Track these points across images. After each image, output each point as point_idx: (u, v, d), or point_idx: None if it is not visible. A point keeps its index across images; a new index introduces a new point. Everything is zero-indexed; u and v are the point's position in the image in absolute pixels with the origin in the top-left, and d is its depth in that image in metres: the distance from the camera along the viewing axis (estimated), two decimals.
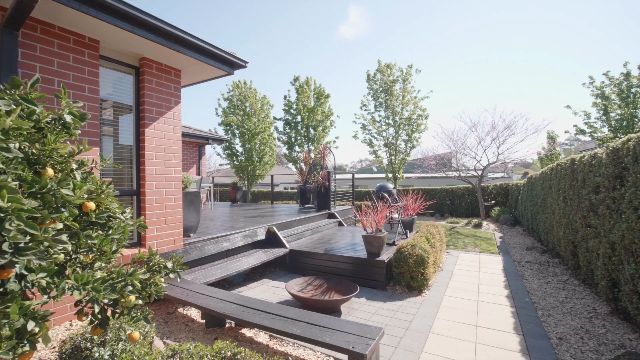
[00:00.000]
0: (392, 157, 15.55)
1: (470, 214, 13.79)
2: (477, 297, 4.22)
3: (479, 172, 12.75)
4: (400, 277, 4.52)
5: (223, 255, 4.77)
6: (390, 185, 6.09)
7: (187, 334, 2.99)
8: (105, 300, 1.98)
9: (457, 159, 14.02)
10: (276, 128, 18.11)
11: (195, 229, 4.72)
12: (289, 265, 5.37)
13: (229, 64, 4.31)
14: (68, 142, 2.51)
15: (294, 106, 17.25)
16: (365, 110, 15.93)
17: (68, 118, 2.30)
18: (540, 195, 7.05)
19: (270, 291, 4.39)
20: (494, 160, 12.60)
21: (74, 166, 2.24)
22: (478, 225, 10.90)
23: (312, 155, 10.78)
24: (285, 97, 17.52)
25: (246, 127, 17.07)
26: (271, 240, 5.60)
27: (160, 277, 2.35)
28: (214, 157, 35.20)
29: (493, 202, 13.20)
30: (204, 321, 3.19)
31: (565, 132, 12.77)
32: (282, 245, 5.46)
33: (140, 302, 2.13)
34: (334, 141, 17.86)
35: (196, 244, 4.29)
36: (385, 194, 5.76)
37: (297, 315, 2.74)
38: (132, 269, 2.44)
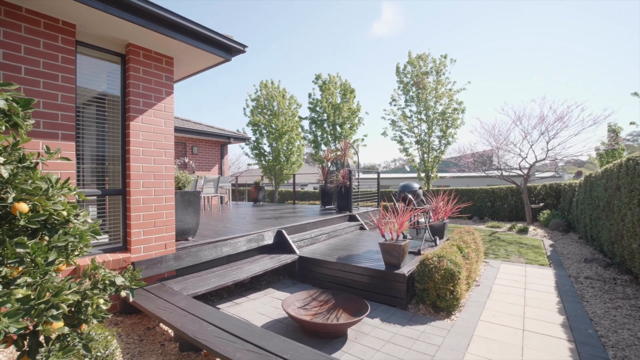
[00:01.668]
0: (425, 155, 14.45)
1: (514, 218, 12.35)
2: (523, 325, 3.38)
3: (525, 171, 11.34)
4: (425, 295, 3.79)
5: (224, 261, 4.35)
6: (416, 185, 5.32)
7: (158, 357, 2.55)
8: (13, 329, 1.53)
9: (499, 157, 12.62)
10: (302, 127, 17.75)
11: (194, 232, 4.35)
12: (299, 273, 4.83)
13: (225, 49, 3.87)
14: (24, 135, 2.14)
15: (319, 104, 16.75)
16: (395, 105, 14.97)
17: (1, 103, 1.93)
18: (603, 197, 5.87)
19: (272, 304, 3.88)
20: (542, 157, 11.12)
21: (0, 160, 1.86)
22: (523, 231, 9.62)
23: (339, 153, 10.14)
24: (310, 95, 17.08)
25: (274, 126, 16.94)
26: (280, 244, 5.10)
27: (100, 297, 1.90)
28: (243, 157, 35.79)
29: (541, 204, 11.69)
30: None
31: (631, 123, 10.95)
32: (291, 251, 4.93)
33: (66, 329, 1.70)
34: (362, 139, 17.11)
35: (190, 249, 3.89)
36: (409, 195, 5.01)
37: (280, 348, 2.17)
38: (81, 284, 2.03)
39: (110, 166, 3.53)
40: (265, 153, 17.65)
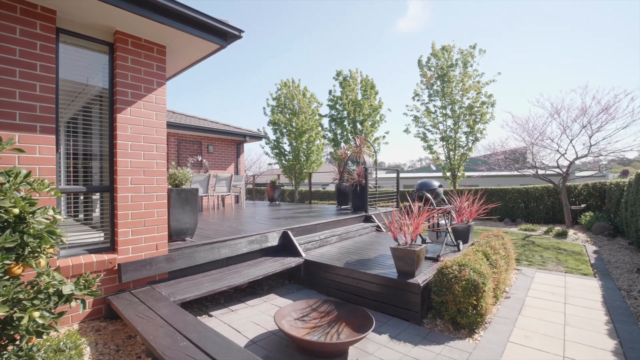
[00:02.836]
0: (451, 153, 13.61)
1: (551, 220, 11.26)
2: (563, 350, 2.80)
3: (563, 169, 10.29)
4: (443, 308, 3.29)
5: (223, 263, 4.07)
6: (436, 183, 4.78)
7: None
8: None
9: (534, 153, 11.54)
10: (321, 125, 17.43)
11: (192, 232, 4.11)
12: (304, 278, 4.47)
13: (220, 34, 3.58)
14: None
15: (339, 101, 16.33)
16: (418, 100, 14.24)
17: None
18: None
19: (270, 312, 3.53)
20: (584, 153, 10.02)
21: None
22: (562, 235, 8.68)
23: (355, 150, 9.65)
24: (330, 92, 16.71)
25: (294, 125, 16.76)
26: (285, 247, 4.76)
27: (38, 309, 1.63)
28: (264, 157, 36.00)
29: (583, 205, 10.56)
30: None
31: None
32: (297, 254, 4.58)
33: None
34: (384, 136, 16.51)
35: (184, 251, 3.64)
36: (428, 194, 4.49)
37: None
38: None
39: (101, 162, 3.35)
40: (286, 152, 17.51)
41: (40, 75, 2.74)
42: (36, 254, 2.01)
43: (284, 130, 17.17)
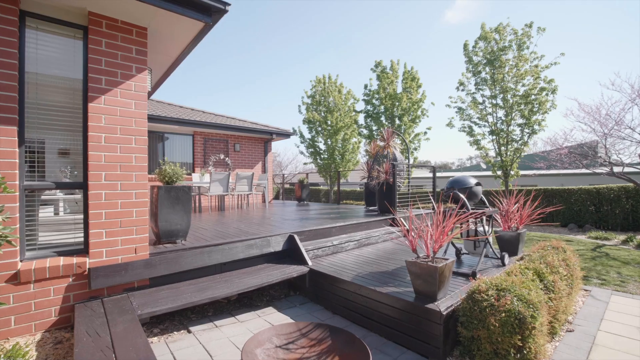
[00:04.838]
0: (502, 148, 12.01)
1: (631, 227, 9.31)
2: None
3: None
4: (473, 346, 2.49)
5: (217, 270, 3.64)
6: (472, 180, 3.87)
7: None
8: None
9: (607, 147, 9.63)
10: (356, 122, 16.68)
11: (184, 234, 3.74)
12: (310, 291, 3.87)
13: (202, 9, 3.12)
14: None
15: (376, 95, 15.41)
16: (463, 90, 12.81)
17: None
18: None
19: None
20: None
21: None
22: None
23: (381, 144, 8.69)
24: (365, 87, 15.83)
25: (329, 123, 16.28)
26: (291, 253, 4.21)
27: None
28: (299, 156, 35.88)
29: None
30: None
31: None
32: (302, 262, 4.00)
33: None
34: (425, 132, 15.24)
35: (167, 255, 3.26)
36: (459, 193, 3.62)
37: None
38: None
39: (70, 157, 3.09)
40: (320, 151, 17.07)
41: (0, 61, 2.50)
42: None
43: (319, 129, 16.74)
